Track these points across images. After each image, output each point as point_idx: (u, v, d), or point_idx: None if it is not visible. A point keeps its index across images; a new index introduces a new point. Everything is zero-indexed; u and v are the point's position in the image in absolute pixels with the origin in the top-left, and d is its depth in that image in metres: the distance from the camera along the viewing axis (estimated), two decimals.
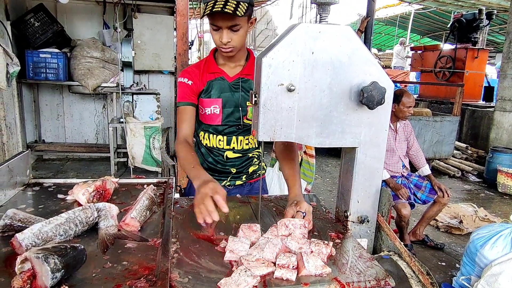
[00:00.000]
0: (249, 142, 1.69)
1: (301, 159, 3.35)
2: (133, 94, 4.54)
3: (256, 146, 1.73)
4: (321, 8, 1.13)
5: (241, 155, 1.70)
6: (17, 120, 4.58)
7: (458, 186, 5.79)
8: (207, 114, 1.62)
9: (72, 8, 5.12)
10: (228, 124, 1.63)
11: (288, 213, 1.29)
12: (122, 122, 4.34)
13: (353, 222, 1.29)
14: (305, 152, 3.34)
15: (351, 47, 1.14)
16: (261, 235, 1.18)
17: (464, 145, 7.00)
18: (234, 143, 1.67)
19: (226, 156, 1.69)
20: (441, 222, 4.18)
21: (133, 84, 4.59)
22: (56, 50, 4.62)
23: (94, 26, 5.25)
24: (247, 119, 1.63)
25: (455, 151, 6.73)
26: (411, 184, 3.61)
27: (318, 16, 1.13)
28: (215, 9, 1.33)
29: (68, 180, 1.63)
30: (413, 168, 3.73)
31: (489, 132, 6.85)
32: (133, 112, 4.41)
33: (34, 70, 4.54)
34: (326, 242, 1.11)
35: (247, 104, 1.61)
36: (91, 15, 5.23)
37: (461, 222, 4.15)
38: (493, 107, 7.03)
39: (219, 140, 1.67)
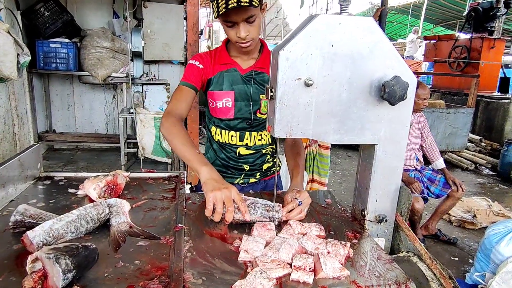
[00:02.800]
0: (262, 138, 1.64)
1: (316, 153, 3.29)
2: (143, 84, 4.51)
3: (270, 142, 1.68)
4: None
5: (254, 151, 1.65)
6: (28, 110, 4.59)
7: (471, 179, 5.70)
8: (218, 107, 1.56)
9: None
10: (240, 118, 1.57)
11: (287, 198, 1.33)
12: (132, 113, 4.32)
13: (371, 221, 1.25)
14: (319, 144, 3.28)
15: (373, 39, 1.08)
16: (276, 234, 1.15)
17: (478, 137, 6.87)
18: (247, 139, 1.62)
19: (239, 152, 1.64)
20: (454, 216, 4.12)
21: (143, 75, 4.56)
22: (66, 40, 4.61)
23: (104, 15, 5.22)
24: (260, 113, 1.58)
25: (469, 144, 6.61)
26: (424, 177, 3.54)
27: (339, 6, 1.08)
28: (230, 6, 1.26)
29: (79, 174, 1.62)
30: (427, 161, 3.66)
31: (504, 124, 6.70)
32: (143, 103, 4.40)
33: (44, 60, 4.53)
34: (343, 242, 1.08)
35: (260, 98, 1.55)
36: (101, 5, 5.20)
37: (474, 216, 4.08)
38: (509, 98, 6.87)
39: (232, 136, 1.61)
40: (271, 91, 1.11)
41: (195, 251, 1.07)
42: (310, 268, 0.96)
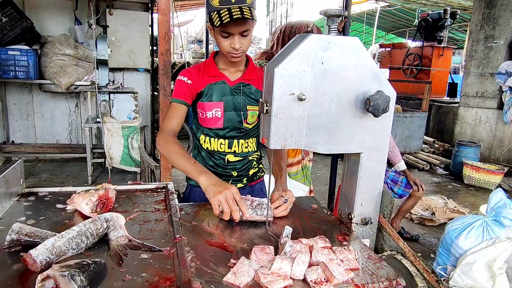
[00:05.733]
0: (248, 145, 1.72)
1: (304, 165, 3.38)
2: (110, 93, 4.41)
3: (255, 149, 1.77)
4: (331, 20, 1.17)
5: (241, 158, 1.73)
6: None
7: (427, 179, 6.07)
8: (208, 117, 1.63)
9: (41, 2, 4.89)
10: (229, 127, 1.65)
11: (274, 196, 1.47)
12: (99, 122, 4.21)
13: (357, 224, 1.35)
14: (309, 159, 3.39)
15: (358, 57, 1.19)
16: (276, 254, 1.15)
17: (431, 139, 7.34)
18: (235, 146, 1.69)
19: (227, 159, 1.71)
20: (415, 214, 4.39)
21: (109, 83, 4.46)
22: (26, 47, 4.40)
23: (65, 22, 5.05)
24: (247, 123, 1.66)
25: (423, 145, 7.05)
26: (388, 179, 3.75)
27: (327, 27, 1.17)
28: (235, 16, 1.35)
29: (64, 189, 1.59)
30: (389, 164, 3.88)
31: (454, 126, 7.21)
32: (110, 112, 4.30)
33: (2, 68, 4.30)
34: (345, 247, 1.15)
35: (247, 108, 1.64)
36: (62, 11, 5.02)
37: (433, 213, 4.37)
38: (457, 102, 7.40)
39: (221, 143, 1.68)
40: (266, 105, 1.17)
41: (199, 261, 1.11)
42: (325, 279, 1.01)
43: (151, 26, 5.18)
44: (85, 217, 1.32)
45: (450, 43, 14.47)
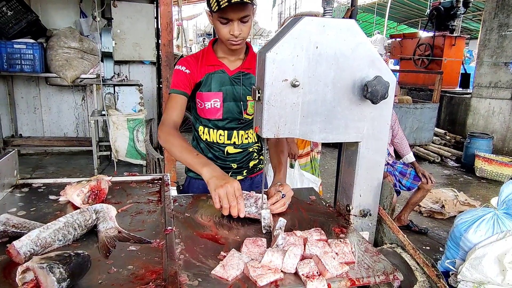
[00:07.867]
0: (248, 136, 1.67)
1: (313, 157, 3.33)
2: (114, 85, 4.40)
3: (256, 140, 1.72)
4: (325, 2, 1.11)
5: (241, 150, 1.68)
6: None
7: (438, 171, 5.95)
8: (206, 108, 1.58)
9: None
10: (228, 118, 1.60)
11: (271, 191, 1.42)
12: (104, 115, 4.21)
13: (355, 216, 1.30)
14: (318, 152, 3.35)
15: (355, 41, 1.12)
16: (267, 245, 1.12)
17: (442, 131, 7.18)
18: (235, 137, 1.64)
19: (227, 151, 1.66)
20: (424, 207, 4.30)
21: (114, 75, 4.45)
22: (32, 41, 4.41)
23: (70, 15, 5.04)
24: (247, 114, 1.61)
25: (434, 137, 6.90)
26: (396, 171, 3.67)
27: (322, 9, 1.11)
28: (234, 0, 1.30)
29: (58, 180, 1.57)
30: (398, 156, 3.80)
31: (466, 118, 7.04)
32: (115, 104, 4.29)
33: (8, 62, 4.32)
34: (341, 240, 1.10)
35: (248, 99, 1.59)
36: (67, 4, 5.01)
37: (443, 206, 4.27)
38: (469, 93, 7.21)
39: (220, 135, 1.64)
40: (258, 92, 1.12)
41: (188, 253, 1.08)
42: (317, 272, 0.97)
43: (156, 18, 5.14)
44: (77, 209, 1.30)
45: (464, 33, 14.12)
